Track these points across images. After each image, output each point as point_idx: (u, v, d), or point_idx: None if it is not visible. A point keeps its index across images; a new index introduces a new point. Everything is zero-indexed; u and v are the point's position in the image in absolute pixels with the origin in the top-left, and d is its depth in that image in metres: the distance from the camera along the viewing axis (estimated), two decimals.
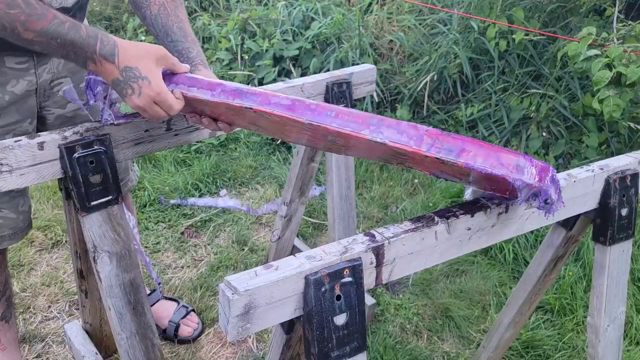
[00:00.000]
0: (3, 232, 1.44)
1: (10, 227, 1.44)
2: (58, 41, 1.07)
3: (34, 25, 1.05)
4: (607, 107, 2.16)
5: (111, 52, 1.09)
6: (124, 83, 1.10)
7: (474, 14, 3.15)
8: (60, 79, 1.43)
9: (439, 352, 1.92)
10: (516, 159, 0.90)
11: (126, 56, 1.10)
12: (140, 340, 1.42)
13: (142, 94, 1.10)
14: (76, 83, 1.47)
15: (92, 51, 1.09)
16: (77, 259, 1.57)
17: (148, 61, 1.11)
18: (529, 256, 2.26)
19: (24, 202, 1.47)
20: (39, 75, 1.37)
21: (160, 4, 1.33)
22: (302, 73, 3.42)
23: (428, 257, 1.00)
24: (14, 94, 1.33)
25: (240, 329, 0.82)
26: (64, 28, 1.07)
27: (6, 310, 1.59)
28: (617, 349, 1.34)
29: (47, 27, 1.06)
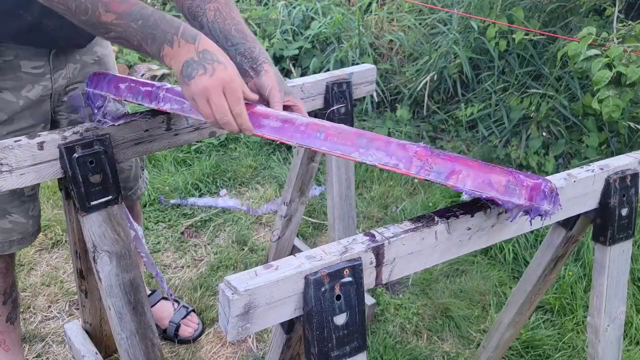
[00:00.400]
0: (12, 236, 1.43)
1: (20, 231, 1.44)
2: (139, 23, 1.04)
3: (116, 6, 1.02)
4: (606, 107, 2.16)
5: (194, 35, 1.05)
6: (197, 63, 1.03)
7: (474, 13, 3.15)
8: (76, 84, 1.43)
9: (439, 352, 1.92)
10: (506, 180, 0.91)
11: (208, 42, 1.06)
12: (140, 340, 1.42)
13: (214, 75, 1.01)
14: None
15: (174, 32, 1.04)
16: (77, 258, 1.57)
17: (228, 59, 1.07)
18: (529, 256, 2.26)
19: (34, 207, 1.46)
20: (54, 80, 1.37)
21: (215, 9, 1.29)
22: (302, 73, 3.42)
23: (428, 257, 1.00)
24: (28, 98, 1.33)
25: (240, 328, 0.82)
26: (147, 10, 1.05)
27: (12, 312, 1.59)
28: (617, 349, 1.34)
29: (130, 9, 1.03)
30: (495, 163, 2.91)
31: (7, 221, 1.41)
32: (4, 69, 1.28)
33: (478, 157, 2.94)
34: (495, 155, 2.95)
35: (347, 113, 1.69)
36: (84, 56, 1.43)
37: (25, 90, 1.32)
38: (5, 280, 1.53)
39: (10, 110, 1.31)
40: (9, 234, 1.42)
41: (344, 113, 1.69)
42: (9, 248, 1.44)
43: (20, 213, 1.42)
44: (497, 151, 2.96)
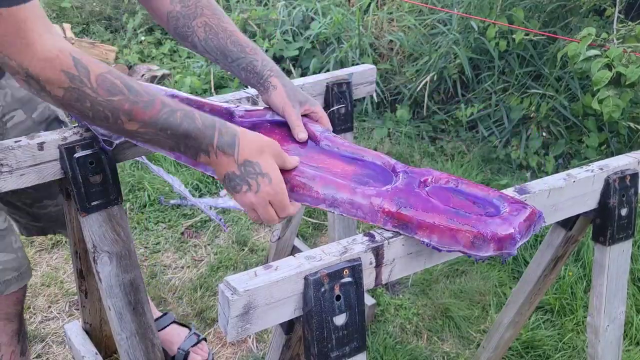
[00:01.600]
0: (7, 275, 1.34)
1: (13, 269, 1.36)
2: (168, 132, 0.94)
3: (141, 114, 0.91)
4: (606, 107, 2.16)
5: (230, 143, 0.96)
6: (241, 179, 0.97)
7: (473, 14, 3.15)
8: (12, 112, 1.33)
9: (439, 352, 1.92)
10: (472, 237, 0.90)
11: (247, 149, 0.96)
12: (140, 340, 1.42)
13: (259, 192, 0.96)
14: (28, 114, 1.36)
15: (208, 143, 0.95)
16: (77, 259, 1.57)
17: (268, 156, 0.98)
18: (529, 256, 2.26)
19: (15, 239, 1.37)
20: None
21: (204, 25, 1.19)
22: (302, 73, 3.42)
23: (427, 258, 1.00)
24: None
25: (240, 329, 0.82)
26: (175, 118, 0.93)
27: (24, 344, 1.55)
28: (617, 349, 1.34)
29: (156, 117, 0.92)
30: (496, 163, 2.92)
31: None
32: None
33: (478, 157, 2.94)
34: (495, 155, 2.95)
35: (347, 113, 1.69)
36: (9, 80, 1.32)
37: None
38: (19, 322, 1.48)
39: None
40: (2, 273, 1.34)
41: (344, 113, 1.69)
42: (6, 288, 1.36)
43: (5, 249, 1.33)
44: (497, 151, 2.96)
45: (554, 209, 1.13)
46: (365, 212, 0.96)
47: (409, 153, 2.97)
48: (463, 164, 2.88)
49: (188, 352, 1.82)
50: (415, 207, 0.93)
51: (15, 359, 1.50)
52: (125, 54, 3.91)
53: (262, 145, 0.98)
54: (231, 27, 1.21)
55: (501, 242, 0.89)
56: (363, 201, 0.96)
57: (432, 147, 3.08)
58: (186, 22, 1.19)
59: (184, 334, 1.85)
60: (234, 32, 1.20)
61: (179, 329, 1.87)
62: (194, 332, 1.86)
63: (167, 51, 4.07)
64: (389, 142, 3.07)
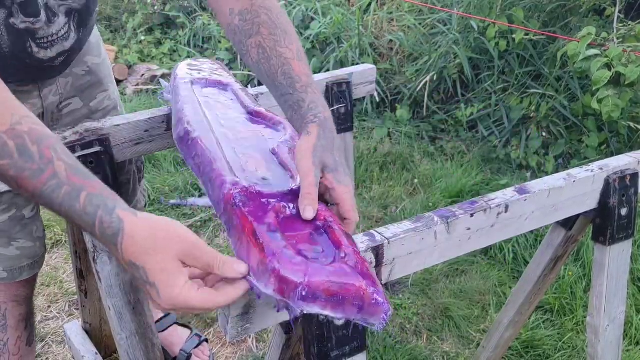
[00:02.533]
0: (22, 262, 1.36)
1: (29, 256, 1.37)
2: (55, 209, 0.78)
3: (25, 183, 0.76)
4: (606, 107, 2.16)
5: (113, 238, 0.76)
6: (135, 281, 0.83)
7: (473, 13, 3.15)
8: (69, 99, 1.34)
9: (439, 352, 1.92)
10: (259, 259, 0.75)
11: (130, 248, 0.75)
12: (140, 340, 1.42)
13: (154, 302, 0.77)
14: (85, 102, 1.37)
15: (90, 230, 0.77)
16: (77, 259, 1.57)
17: (161, 257, 0.75)
18: (528, 256, 2.26)
19: (37, 228, 1.38)
20: (44, 97, 1.27)
21: (258, 46, 1.03)
22: None
23: (428, 257, 1.00)
24: None
25: (240, 329, 0.82)
26: (58, 196, 0.76)
27: (31, 334, 1.55)
28: (616, 349, 1.34)
29: (40, 190, 0.76)
30: (495, 163, 2.92)
31: (14, 248, 1.33)
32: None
33: (478, 157, 2.94)
34: (495, 155, 2.95)
35: (347, 113, 1.69)
36: (74, 68, 1.33)
37: None
38: (29, 306, 1.49)
39: None
40: (18, 260, 1.35)
41: (344, 113, 1.69)
42: (20, 275, 1.37)
43: (26, 237, 1.35)
44: (497, 151, 2.96)
45: (554, 209, 1.13)
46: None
47: (409, 153, 2.97)
48: (463, 164, 2.88)
49: (190, 354, 1.81)
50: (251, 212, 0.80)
51: (21, 346, 1.50)
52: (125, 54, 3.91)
53: (152, 243, 0.75)
54: (288, 54, 1.01)
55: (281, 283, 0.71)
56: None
57: (432, 147, 3.08)
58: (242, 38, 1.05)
59: (185, 335, 1.84)
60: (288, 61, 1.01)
61: (180, 330, 1.87)
62: (196, 334, 1.86)
63: (167, 51, 4.07)
64: (389, 142, 3.07)
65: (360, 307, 0.71)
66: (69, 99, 1.34)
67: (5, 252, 1.32)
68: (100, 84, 1.41)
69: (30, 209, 1.35)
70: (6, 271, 1.34)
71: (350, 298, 0.71)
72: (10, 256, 1.34)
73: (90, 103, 1.39)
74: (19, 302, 1.44)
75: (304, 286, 0.70)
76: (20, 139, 0.77)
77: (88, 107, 1.39)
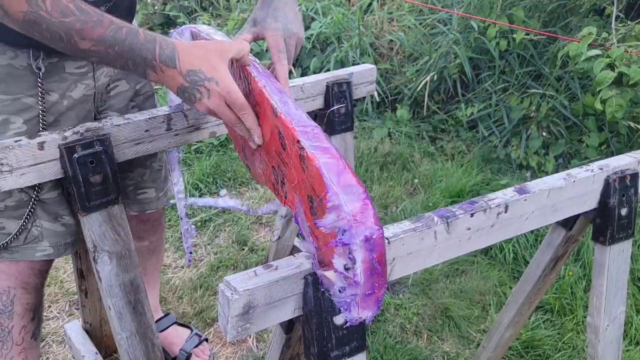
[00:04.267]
0: (67, 239, 1.37)
1: (72, 233, 1.38)
2: (116, 49, 0.99)
3: (90, 33, 0.97)
4: (609, 107, 2.16)
5: (171, 56, 1.01)
6: (191, 89, 1.02)
7: (473, 13, 3.15)
8: (117, 81, 1.40)
9: (439, 352, 1.92)
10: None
11: (187, 58, 1.01)
12: (140, 340, 1.42)
13: (211, 96, 1.01)
14: (132, 84, 1.43)
15: (151, 57, 1.01)
16: (77, 258, 1.57)
17: (211, 60, 1.02)
18: (529, 256, 2.26)
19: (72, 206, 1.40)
20: (97, 78, 1.33)
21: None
22: (302, 73, 3.42)
23: (427, 257, 1.00)
24: (72, 98, 1.29)
25: (240, 329, 0.82)
26: (121, 34, 0.99)
27: (37, 328, 1.55)
28: (616, 349, 1.34)
29: (104, 34, 0.98)
30: (496, 163, 2.92)
31: (60, 224, 1.35)
32: (49, 71, 1.25)
33: (478, 157, 2.94)
34: (495, 155, 2.95)
35: (347, 113, 1.69)
36: None
37: (69, 91, 1.28)
38: (37, 297, 1.49)
39: (57, 112, 1.28)
40: (63, 237, 1.37)
41: (344, 113, 1.69)
42: (64, 251, 1.38)
43: (69, 215, 1.36)
44: (497, 151, 2.96)
45: (554, 208, 1.13)
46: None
47: (409, 153, 2.97)
48: (463, 164, 2.88)
49: (190, 353, 1.81)
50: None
51: (25, 337, 1.50)
52: None
53: (204, 51, 1.02)
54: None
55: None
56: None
57: (432, 147, 3.08)
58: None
59: (185, 335, 1.85)
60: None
61: (180, 330, 1.87)
62: (196, 333, 1.86)
63: None
64: (389, 142, 3.07)
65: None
66: (116, 81, 1.40)
67: (52, 227, 1.34)
68: None
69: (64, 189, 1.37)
70: (52, 247, 1.35)
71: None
72: (57, 231, 1.35)
73: (136, 86, 1.45)
74: (28, 290, 1.44)
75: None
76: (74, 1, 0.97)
77: (134, 90, 1.44)
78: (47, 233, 1.34)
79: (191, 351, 1.81)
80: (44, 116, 1.26)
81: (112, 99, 1.40)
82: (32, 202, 1.29)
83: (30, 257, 1.34)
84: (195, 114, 1.40)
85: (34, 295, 1.47)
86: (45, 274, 1.49)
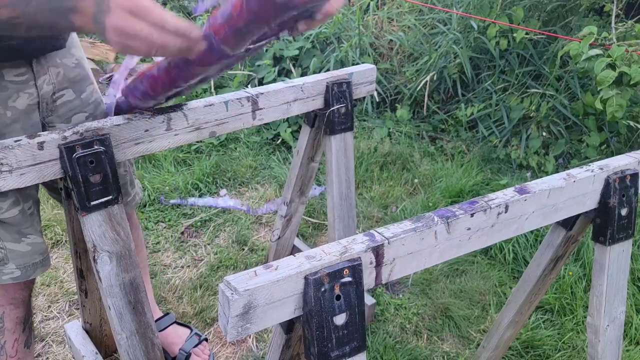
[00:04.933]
0: (35, 258, 1.35)
1: (40, 252, 1.36)
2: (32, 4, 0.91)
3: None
4: (610, 107, 2.16)
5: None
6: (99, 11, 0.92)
7: (473, 13, 3.15)
8: (62, 90, 1.37)
9: (439, 352, 1.92)
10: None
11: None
12: (140, 339, 1.42)
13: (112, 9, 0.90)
14: (77, 94, 1.40)
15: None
16: (77, 258, 1.57)
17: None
18: (529, 256, 2.26)
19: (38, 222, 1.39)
20: (39, 87, 1.30)
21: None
22: (302, 73, 3.42)
23: (428, 257, 1.00)
24: (16, 109, 1.26)
25: (240, 329, 0.82)
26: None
27: (29, 336, 1.54)
28: (616, 349, 1.34)
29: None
30: (496, 163, 2.92)
31: (25, 243, 1.33)
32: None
33: (478, 157, 2.94)
34: (495, 155, 2.95)
35: (347, 113, 1.69)
36: (64, 59, 1.36)
37: (12, 100, 1.25)
38: (26, 309, 1.48)
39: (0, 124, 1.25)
40: (30, 257, 1.34)
41: (344, 113, 1.69)
42: (34, 272, 1.36)
43: (35, 232, 1.35)
44: (497, 151, 2.96)
45: (554, 208, 1.13)
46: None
47: (409, 153, 2.97)
48: (463, 164, 2.88)
49: (190, 353, 1.81)
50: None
51: (19, 349, 1.50)
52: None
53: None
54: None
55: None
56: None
57: (432, 146, 3.08)
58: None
59: (185, 335, 1.84)
60: None
61: (180, 329, 1.86)
62: (195, 333, 1.85)
63: None
64: (389, 142, 3.07)
65: None
66: (62, 89, 1.37)
67: (17, 247, 1.31)
68: (87, 77, 1.44)
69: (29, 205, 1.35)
70: (19, 269, 1.32)
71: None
72: (23, 252, 1.33)
73: (81, 95, 1.42)
74: (17, 305, 1.43)
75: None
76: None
77: (80, 99, 1.41)
78: (12, 255, 1.31)
79: (191, 351, 1.81)
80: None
81: (60, 108, 1.37)
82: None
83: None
84: (195, 114, 1.40)
85: (22, 308, 1.45)
86: (31, 286, 1.47)
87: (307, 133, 1.80)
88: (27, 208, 1.32)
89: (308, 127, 1.79)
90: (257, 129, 3.14)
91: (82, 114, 1.41)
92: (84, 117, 1.42)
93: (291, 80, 1.63)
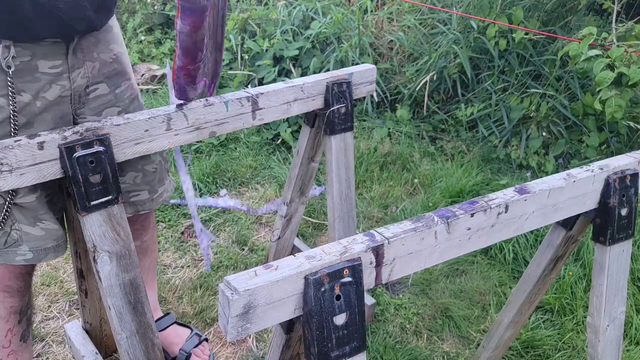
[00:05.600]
0: (47, 243, 1.35)
1: (54, 238, 1.36)
2: None
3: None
4: (609, 107, 2.16)
5: None
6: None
7: (473, 13, 3.15)
8: (96, 84, 1.38)
9: (439, 352, 1.92)
10: None
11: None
12: (140, 339, 1.42)
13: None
14: (112, 88, 1.41)
15: None
16: (77, 258, 1.57)
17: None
18: (529, 256, 2.26)
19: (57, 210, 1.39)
20: (72, 79, 1.31)
21: None
22: (302, 73, 3.42)
23: (428, 257, 1.00)
24: (46, 99, 1.28)
25: (240, 328, 0.82)
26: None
27: (26, 330, 1.55)
28: (616, 349, 1.34)
29: None
30: (496, 163, 2.92)
31: (40, 228, 1.34)
32: (21, 71, 1.23)
33: (478, 157, 2.94)
34: (495, 155, 2.95)
35: (347, 113, 1.69)
36: (101, 54, 1.38)
37: (43, 91, 1.27)
38: (22, 299, 1.48)
39: (29, 113, 1.27)
40: (43, 241, 1.35)
41: (344, 113, 1.69)
42: (45, 256, 1.36)
43: (50, 219, 1.35)
44: (497, 151, 2.96)
45: (554, 208, 1.13)
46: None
47: (409, 153, 2.97)
48: (463, 164, 2.88)
49: (190, 353, 1.80)
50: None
51: (12, 340, 1.50)
52: None
53: None
54: None
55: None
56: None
57: (432, 147, 3.08)
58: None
59: (185, 335, 1.84)
60: None
61: (180, 329, 1.86)
62: (196, 333, 1.85)
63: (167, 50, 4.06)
64: (389, 142, 3.07)
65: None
66: (96, 83, 1.38)
67: (32, 231, 1.33)
68: (124, 73, 1.45)
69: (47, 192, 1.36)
70: (32, 251, 1.34)
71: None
72: (37, 236, 1.34)
73: (116, 90, 1.43)
74: (11, 294, 1.44)
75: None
76: None
77: (114, 94, 1.42)
78: (27, 237, 1.33)
79: (191, 351, 1.81)
80: (15, 117, 1.24)
81: (93, 102, 1.38)
82: (7, 205, 1.28)
83: (11, 261, 1.33)
84: (195, 114, 1.40)
85: (17, 298, 1.46)
86: (28, 277, 1.48)
87: (307, 133, 1.80)
88: (45, 196, 1.34)
89: (308, 127, 1.79)
90: (257, 129, 3.14)
91: (114, 108, 1.42)
92: (117, 111, 1.43)
93: (291, 80, 1.63)
